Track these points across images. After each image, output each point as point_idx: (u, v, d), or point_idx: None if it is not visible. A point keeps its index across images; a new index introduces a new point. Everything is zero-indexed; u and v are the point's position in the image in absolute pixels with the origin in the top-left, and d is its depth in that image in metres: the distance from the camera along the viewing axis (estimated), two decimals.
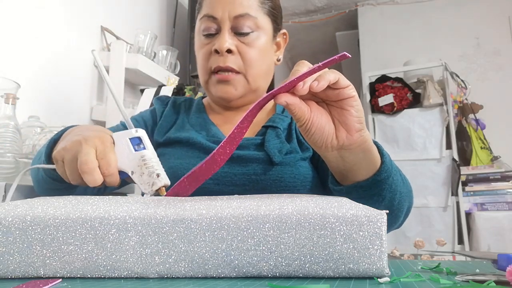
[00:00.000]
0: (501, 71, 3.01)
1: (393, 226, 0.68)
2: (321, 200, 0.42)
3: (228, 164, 0.70)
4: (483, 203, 2.46)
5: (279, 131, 0.75)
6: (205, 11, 0.77)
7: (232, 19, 0.74)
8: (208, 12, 0.76)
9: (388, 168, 0.56)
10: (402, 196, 0.62)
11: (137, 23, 2.16)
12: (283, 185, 0.68)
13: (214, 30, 0.76)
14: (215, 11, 0.75)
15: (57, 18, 1.61)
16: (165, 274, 0.39)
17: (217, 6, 0.75)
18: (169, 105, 0.87)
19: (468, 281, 0.35)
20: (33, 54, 1.49)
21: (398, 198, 0.61)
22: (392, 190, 0.59)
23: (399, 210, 0.63)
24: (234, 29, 0.75)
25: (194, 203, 0.43)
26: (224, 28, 0.75)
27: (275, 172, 0.69)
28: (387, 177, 0.56)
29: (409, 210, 0.69)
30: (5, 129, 1.12)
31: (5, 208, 0.41)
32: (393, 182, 0.58)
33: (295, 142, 0.75)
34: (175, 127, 0.82)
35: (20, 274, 0.39)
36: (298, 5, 3.56)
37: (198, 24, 0.79)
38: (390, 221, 0.64)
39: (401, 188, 0.62)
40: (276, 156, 0.70)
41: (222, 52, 0.74)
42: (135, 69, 1.81)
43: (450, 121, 2.59)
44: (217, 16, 0.75)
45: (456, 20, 3.19)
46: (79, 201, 0.44)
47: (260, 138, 0.75)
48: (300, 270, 0.38)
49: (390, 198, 0.59)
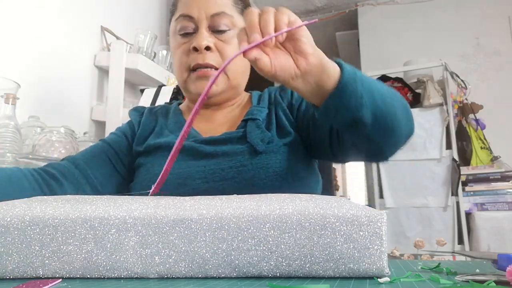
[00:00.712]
0: (501, 71, 3.00)
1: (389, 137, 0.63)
2: (321, 200, 0.42)
3: (214, 161, 0.72)
4: (483, 203, 2.46)
5: (259, 122, 0.76)
6: (181, 11, 0.78)
7: (209, 17, 0.76)
8: (184, 12, 0.77)
9: (351, 71, 0.57)
10: (385, 98, 0.59)
11: (137, 23, 2.16)
12: (270, 172, 0.70)
13: (191, 29, 0.77)
14: (192, 11, 0.76)
15: (57, 18, 1.61)
16: (165, 274, 0.39)
17: (193, 5, 0.76)
18: (145, 114, 0.88)
19: (468, 281, 0.35)
20: (33, 54, 1.49)
21: (380, 99, 0.58)
22: (367, 90, 0.57)
23: (389, 113, 0.60)
24: (211, 27, 0.76)
25: (194, 203, 0.43)
26: (201, 26, 0.76)
27: (260, 161, 0.71)
28: (353, 78, 0.56)
29: (410, 119, 0.65)
30: (5, 129, 1.12)
31: (3, 208, 0.40)
32: (364, 83, 0.57)
33: (275, 130, 0.76)
34: (154, 134, 0.83)
35: (19, 275, 0.39)
36: (298, 5, 3.55)
37: (174, 24, 0.80)
38: (388, 129, 0.61)
39: (381, 90, 0.60)
40: (259, 145, 0.72)
41: (201, 50, 0.75)
42: (135, 69, 1.81)
43: (450, 121, 2.59)
44: (194, 15, 0.76)
45: (456, 20, 3.18)
46: (78, 201, 0.44)
47: (241, 131, 0.76)
48: (300, 270, 0.38)
49: (370, 99, 0.57)
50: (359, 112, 0.56)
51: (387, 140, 0.63)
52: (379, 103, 0.58)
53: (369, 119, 0.58)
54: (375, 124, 0.59)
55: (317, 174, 0.81)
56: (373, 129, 0.59)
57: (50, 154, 1.19)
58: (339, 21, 3.81)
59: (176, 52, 0.79)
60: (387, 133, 0.61)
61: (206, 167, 0.72)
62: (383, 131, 0.61)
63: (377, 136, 0.61)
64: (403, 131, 0.64)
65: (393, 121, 0.61)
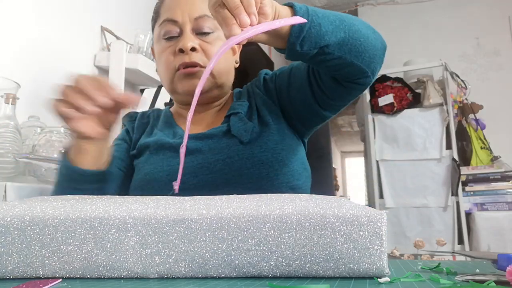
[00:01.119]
0: (501, 71, 3.01)
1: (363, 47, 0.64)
2: (321, 200, 0.42)
3: (201, 156, 0.75)
4: (483, 203, 2.46)
5: (241, 115, 0.79)
6: (164, 16, 0.80)
7: (192, 20, 0.78)
8: (168, 16, 0.79)
9: (303, 7, 0.58)
10: (343, 19, 0.62)
11: (137, 23, 2.16)
12: (256, 161, 0.72)
13: (175, 33, 0.79)
14: (175, 15, 0.78)
15: (57, 18, 1.61)
16: (165, 274, 0.39)
17: (177, 10, 0.78)
18: (137, 119, 0.91)
19: (468, 281, 0.35)
20: (33, 54, 1.49)
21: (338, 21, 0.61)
22: (324, 19, 0.59)
23: (352, 31, 0.62)
24: (195, 30, 0.78)
25: (194, 203, 0.43)
26: (185, 29, 0.78)
27: (246, 151, 0.73)
28: (305, 12, 0.58)
29: (379, 36, 0.67)
30: (5, 129, 1.12)
31: (3, 208, 0.40)
32: (319, 13, 0.59)
33: (257, 121, 0.78)
34: (144, 135, 0.85)
35: (19, 275, 0.39)
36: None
37: (158, 30, 0.82)
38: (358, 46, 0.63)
39: (337, 15, 0.62)
40: (244, 136, 0.74)
41: (187, 51, 0.76)
42: (135, 69, 1.80)
43: (450, 121, 2.59)
44: (178, 19, 0.78)
45: (456, 20, 3.19)
46: (78, 201, 0.44)
47: (225, 125, 0.78)
48: (300, 270, 0.38)
49: (329, 25, 0.59)
50: (323, 40, 0.59)
51: (362, 58, 0.64)
52: (338, 25, 0.61)
53: (335, 43, 0.60)
54: (343, 46, 0.61)
55: (305, 163, 0.83)
56: (342, 50, 0.62)
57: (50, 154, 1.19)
58: None
59: (162, 56, 0.81)
60: (359, 51, 0.63)
61: (194, 162, 0.74)
62: (353, 50, 0.63)
63: (350, 56, 0.63)
64: (374, 44, 0.65)
65: (360, 37, 0.63)
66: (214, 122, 0.84)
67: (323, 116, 0.79)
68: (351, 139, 7.26)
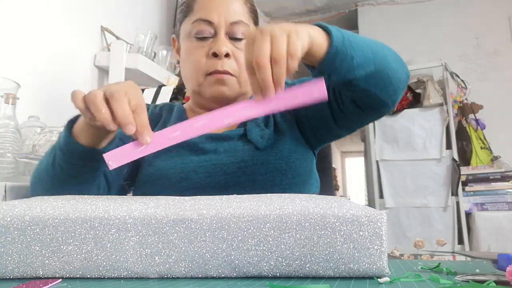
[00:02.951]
0: (501, 71, 3.00)
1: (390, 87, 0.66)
2: (321, 200, 0.42)
3: (216, 156, 0.74)
4: (483, 203, 2.46)
5: (258, 120, 0.79)
6: (199, 14, 0.78)
7: (228, 24, 0.77)
8: (204, 17, 0.78)
9: (339, 36, 0.59)
10: (376, 52, 0.62)
11: (137, 23, 2.16)
12: (270, 168, 0.72)
13: (209, 34, 0.78)
14: (212, 16, 0.77)
15: (57, 18, 1.61)
16: (165, 274, 0.39)
17: (213, 11, 0.77)
18: (150, 110, 0.89)
19: (468, 281, 0.35)
20: (33, 54, 1.49)
21: (370, 54, 0.61)
22: (357, 50, 0.60)
23: (382, 65, 0.63)
24: (229, 34, 0.78)
25: (194, 203, 0.43)
26: (220, 32, 0.77)
27: (261, 158, 0.73)
28: (341, 42, 0.58)
29: (404, 66, 0.68)
30: (5, 129, 1.12)
31: (3, 208, 0.40)
32: (353, 43, 0.59)
33: (273, 128, 0.79)
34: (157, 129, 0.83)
35: (19, 275, 0.39)
36: (298, 5, 3.55)
37: (189, 27, 0.80)
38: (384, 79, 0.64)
39: (371, 45, 0.62)
40: (259, 143, 0.74)
41: (221, 56, 0.76)
42: (135, 69, 1.81)
43: (450, 121, 2.59)
44: (214, 21, 0.77)
45: (456, 20, 3.18)
46: (78, 201, 0.44)
47: (242, 129, 0.78)
48: (300, 270, 0.38)
49: (361, 57, 0.60)
50: (352, 73, 0.60)
51: (386, 90, 0.65)
52: (371, 58, 0.61)
53: (364, 76, 0.61)
54: (370, 79, 0.62)
55: (315, 173, 0.83)
56: (369, 83, 0.63)
57: None
58: (339, 21, 3.81)
59: (191, 55, 0.80)
60: (384, 84, 0.64)
61: (208, 161, 0.74)
62: (380, 83, 0.64)
63: (374, 88, 0.64)
64: (400, 77, 0.66)
65: (389, 71, 0.64)
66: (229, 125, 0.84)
67: (337, 134, 0.80)
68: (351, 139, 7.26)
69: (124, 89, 0.52)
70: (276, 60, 0.51)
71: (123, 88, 0.52)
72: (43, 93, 1.52)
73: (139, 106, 0.51)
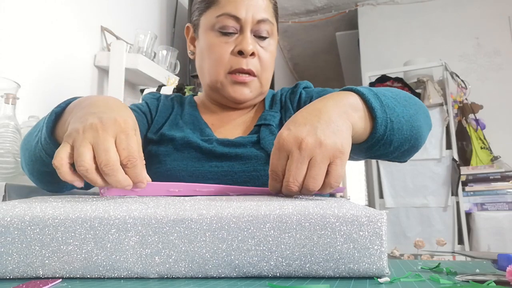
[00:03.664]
0: (501, 71, 3.00)
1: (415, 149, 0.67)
2: (321, 200, 0.42)
3: (228, 163, 0.71)
4: (483, 203, 2.46)
5: (272, 128, 0.76)
6: (226, 9, 0.75)
7: (255, 22, 0.75)
8: (231, 12, 0.75)
9: (383, 123, 0.56)
10: (411, 123, 0.61)
11: (137, 23, 2.16)
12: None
13: (234, 30, 0.76)
14: (240, 12, 0.75)
15: (57, 18, 1.61)
16: (165, 274, 0.39)
17: (241, 7, 0.75)
18: (161, 100, 0.86)
19: (468, 281, 0.35)
20: (33, 54, 1.49)
21: (407, 129, 0.60)
22: (397, 131, 0.59)
23: (413, 135, 0.63)
24: (254, 31, 0.76)
25: (194, 203, 0.43)
26: (246, 29, 0.75)
27: None
28: (384, 129, 0.57)
29: (429, 121, 0.69)
30: (5, 129, 1.12)
31: (3, 208, 0.40)
32: (395, 123, 0.58)
33: None
34: (169, 123, 0.81)
35: (19, 275, 0.38)
36: (298, 5, 3.55)
37: (213, 20, 0.77)
38: (410, 148, 0.64)
39: (405, 116, 0.60)
40: None
41: (247, 54, 0.74)
42: (135, 69, 1.81)
43: (450, 121, 2.59)
44: (241, 17, 0.75)
45: (456, 20, 3.19)
46: (78, 200, 0.44)
47: (255, 136, 0.75)
48: (300, 270, 0.38)
49: (400, 138, 0.60)
50: (385, 155, 0.62)
51: (411, 149, 0.66)
52: (407, 138, 0.61)
53: (395, 155, 0.63)
54: (399, 150, 0.63)
55: None
56: (395, 154, 0.64)
57: None
58: (339, 21, 3.81)
59: (214, 49, 0.77)
60: (409, 152, 0.66)
61: (218, 167, 0.71)
62: (407, 152, 0.65)
63: (397, 155, 0.65)
64: (425, 135, 0.67)
65: (418, 143, 0.65)
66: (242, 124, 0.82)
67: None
68: None
69: (112, 135, 0.45)
70: (309, 190, 0.47)
71: (110, 134, 0.45)
72: (43, 93, 1.52)
73: (130, 158, 0.45)
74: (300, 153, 0.46)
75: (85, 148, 0.44)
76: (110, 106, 0.50)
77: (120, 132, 0.46)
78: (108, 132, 0.45)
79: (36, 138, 0.61)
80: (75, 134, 0.46)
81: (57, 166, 0.44)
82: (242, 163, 0.71)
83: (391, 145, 0.59)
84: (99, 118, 0.46)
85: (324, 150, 0.46)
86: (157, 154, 0.75)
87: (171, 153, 0.74)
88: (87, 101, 0.54)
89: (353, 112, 0.53)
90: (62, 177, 0.45)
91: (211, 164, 0.72)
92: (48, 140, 0.56)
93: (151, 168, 0.74)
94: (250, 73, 0.76)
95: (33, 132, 0.64)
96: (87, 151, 0.44)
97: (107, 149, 0.44)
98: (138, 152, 0.46)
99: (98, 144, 0.44)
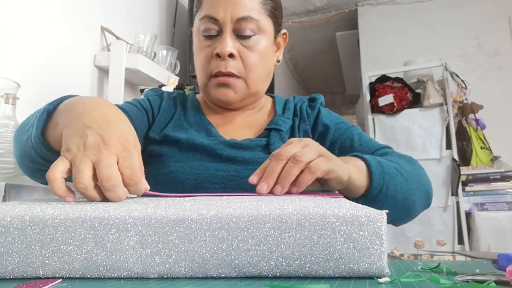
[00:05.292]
0: (501, 71, 3.01)
1: (405, 219, 0.70)
2: (321, 200, 0.42)
3: (234, 167, 0.70)
4: (483, 203, 2.46)
5: (283, 134, 0.75)
6: (205, 11, 0.74)
7: (234, 21, 0.72)
8: (209, 13, 0.73)
9: (379, 182, 0.60)
10: (406, 195, 0.64)
11: (137, 23, 2.16)
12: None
13: (215, 32, 0.74)
14: (217, 13, 0.72)
15: (57, 18, 1.61)
16: (165, 274, 0.39)
17: (219, 7, 0.72)
18: (165, 98, 0.85)
19: (468, 281, 0.35)
20: (33, 54, 1.49)
21: (401, 199, 0.64)
22: (392, 193, 0.62)
23: (406, 207, 0.66)
24: (236, 31, 0.73)
25: (194, 203, 0.43)
26: (225, 30, 0.73)
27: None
28: (380, 186, 0.60)
29: (427, 201, 0.71)
30: (5, 129, 1.12)
31: (3, 208, 0.40)
32: (390, 185, 0.61)
33: None
34: (172, 124, 0.79)
35: (19, 275, 0.38)
36: (298, 5, 3.55)
37: (198, 23, 0.77)
38: (400, 217, 0.68)
39: (402, 188, 0.64)
40: None
41: (224, 57, 0.73)
42: (135, 69, 1.81)
43: (450, 121, 2.59)
44: (219, 18, 0.72)
45: (456, 20, 3.19)
46: (78, 201, 0.44)
47: (264, 139, 0.74)
48: (300, 270, 0.38)
49: (392, 202, 0.62)
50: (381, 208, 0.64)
51: (402, 218, 0.69)
52: (399, 204, 0.64)
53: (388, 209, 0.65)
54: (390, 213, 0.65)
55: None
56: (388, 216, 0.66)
57: None
58: (339, 21, 3.81)
59: (199, 54, 0.77)
60: (402, 216, 0.68)
61: (225, 172, 0.70)
62: (397, 217, 0.67)
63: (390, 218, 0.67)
64: (418, 210, 0.70)
65: (410, 211, 0.67)
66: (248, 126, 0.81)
67: None
68: None
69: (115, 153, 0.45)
70: (296, 159, 0.50)
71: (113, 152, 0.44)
72: (43, 93, 1.52)
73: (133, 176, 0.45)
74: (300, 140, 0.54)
75: (85, 166, 0.43)
76: (107, 119, 0.49)
77: (122, 151, 0.45)
78: (111, 151, 0.44)
79: (27, 133, 0.60)
80: (75, 150, 0.44)
81: (51, 180, 0.43)
82: (249, 169, 0.68)
83: (381, 208, 0.61)
84: (100, 135, 0.45)
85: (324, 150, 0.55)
86: (160, 155, 0.74)
87: (175, 154, 0.73)
88: (79, 106, 0.52)
89: (356, 169, 0.59)
90: (54, 192, 0.44)
91: (217, 167, 0.70)
92: (37, 140, 0.56)
93: (153, 168, 0.72)
94: (232, 75, 0.74)
95: (25, 125, 0.63)
96: (88, 169, 0.43)
97: (109, 165, 0.43)
98: (140, 171, 0.46)
99: (101, 161, 0.43)
